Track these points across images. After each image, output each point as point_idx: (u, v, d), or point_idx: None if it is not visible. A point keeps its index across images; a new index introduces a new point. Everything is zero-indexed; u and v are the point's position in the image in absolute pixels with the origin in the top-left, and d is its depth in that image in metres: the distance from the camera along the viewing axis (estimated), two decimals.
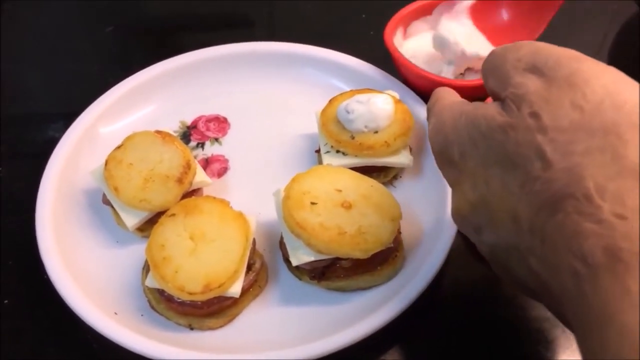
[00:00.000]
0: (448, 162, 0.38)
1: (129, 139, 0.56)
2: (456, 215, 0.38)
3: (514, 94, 0.32)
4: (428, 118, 0.42)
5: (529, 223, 0.30)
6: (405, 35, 0.67)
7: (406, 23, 0.67)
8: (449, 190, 0.54)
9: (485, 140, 0.33)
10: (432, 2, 0.66)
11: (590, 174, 0.28)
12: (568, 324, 0.30)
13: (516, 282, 0.36)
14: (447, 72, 0.62)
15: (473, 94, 0.63)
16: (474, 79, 0.62)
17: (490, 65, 0.36)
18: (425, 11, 0.67)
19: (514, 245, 0.33)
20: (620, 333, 0.24)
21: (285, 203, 0.49)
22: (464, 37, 0.61)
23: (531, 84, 0.32)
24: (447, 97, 0.41)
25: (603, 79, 0.30)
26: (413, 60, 0.62)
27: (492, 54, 0.37)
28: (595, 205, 0.27)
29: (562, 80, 0.31)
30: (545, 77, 0.32)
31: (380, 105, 0.56)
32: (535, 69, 0.32)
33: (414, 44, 0.66)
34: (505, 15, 0.63)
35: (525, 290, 0.36)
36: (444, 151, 0.38)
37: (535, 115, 0.31)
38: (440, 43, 0.62)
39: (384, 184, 0.57)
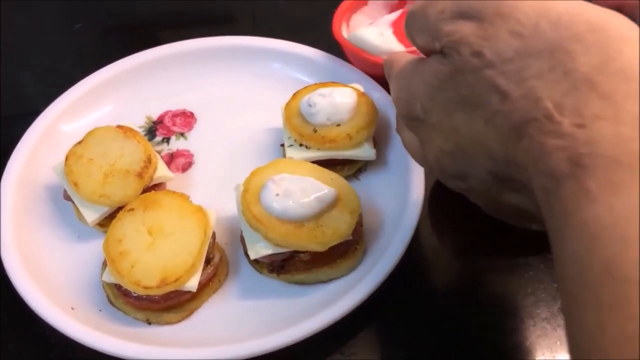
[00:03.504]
0: (415, 122, 0.38)
1: (90, 134, 0.55)
2: (438, 170, 0.38)
3: (449, 41, 0.33)
4: (389, 85, 0.42)
5: (503, 155, 0.31)
6: (349, 29, 0.68)
7: (347, 17, 0.68)
8: (413, 182, 0.55)
9: (440, 92, 0.34)
10: None
11: (546, 94, 0.28)
12: None
13: (512, 217, 0.38)
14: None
15: None
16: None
17: (413, 25, 0.37)
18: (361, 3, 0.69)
19: (498, 180, 0.34)
20: (579, 228, 0.25)
21: (244, 196, 0.49)
22: (382, 42, 0.63)
23: (463, 28, 0.32)
24: (401, 60, 0.41)
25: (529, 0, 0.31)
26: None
27: (409, 15, 0.37)
28: (556, 122, 0.28)
29: (492, 15, 0.31)
30: (474, 18, 0.32)
31: (341, 98, 0.55)
32: (462, 14, 0.33)
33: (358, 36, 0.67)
34: None
35: (525, 223, 0.38)
36: (408, 113, 0.38)
37: (477, 54, 0.31)
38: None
39: (349, 177, 0.57)
